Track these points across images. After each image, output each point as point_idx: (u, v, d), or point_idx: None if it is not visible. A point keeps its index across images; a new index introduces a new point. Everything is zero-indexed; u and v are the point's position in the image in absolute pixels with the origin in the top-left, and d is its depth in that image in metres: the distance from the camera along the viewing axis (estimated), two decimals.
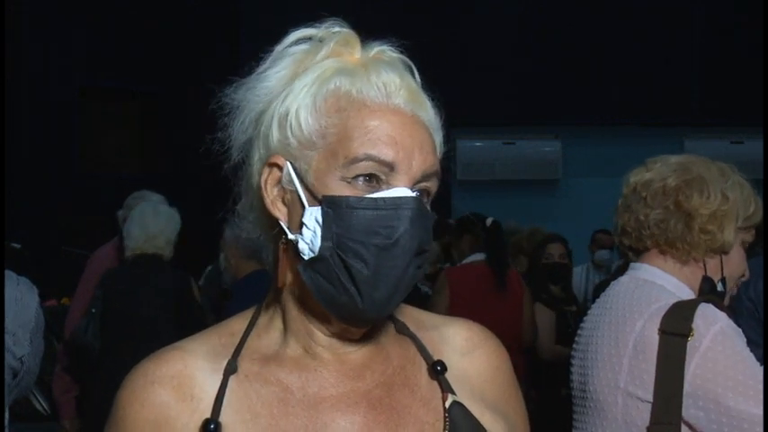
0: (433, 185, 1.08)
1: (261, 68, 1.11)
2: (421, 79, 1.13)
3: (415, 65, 1.14)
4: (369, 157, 1.03)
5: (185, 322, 3.89)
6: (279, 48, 1.11)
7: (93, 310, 4.07)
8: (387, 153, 1.03)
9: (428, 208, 1.08)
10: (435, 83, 1.15)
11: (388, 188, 1.04)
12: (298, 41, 1.11)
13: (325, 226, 1.03)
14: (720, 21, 10.20)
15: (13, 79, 7.62)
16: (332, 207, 1.03)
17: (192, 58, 8.86)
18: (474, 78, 9.84)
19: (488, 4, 10.19)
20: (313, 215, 1.04)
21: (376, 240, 1.01)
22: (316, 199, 1.04)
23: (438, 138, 1.11)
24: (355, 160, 1.03)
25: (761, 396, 1.76)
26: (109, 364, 3.93)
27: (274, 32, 1.13)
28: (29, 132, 8.55)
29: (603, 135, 10.21)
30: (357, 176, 1.03)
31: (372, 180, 1.04)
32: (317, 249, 1.03)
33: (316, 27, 1.11)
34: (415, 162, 1.05)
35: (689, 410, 1.81)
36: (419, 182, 1.06)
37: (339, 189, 1.03)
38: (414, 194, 1.04)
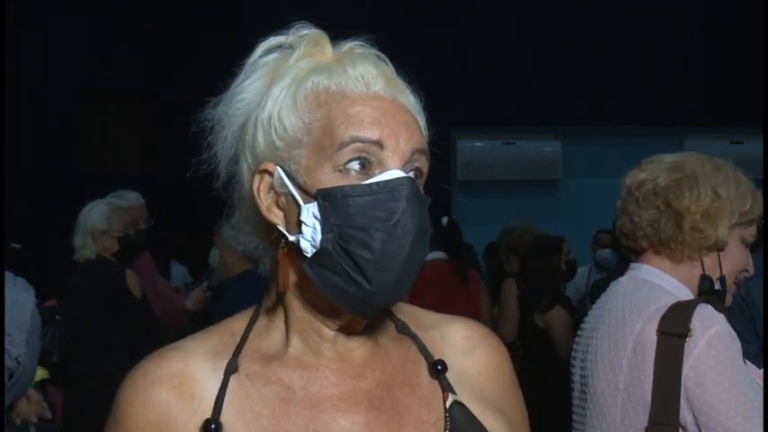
0: (423, 164, 1.09)
1: (235, 82, 1.12)
2: (419, 78, 1.14)
3: (415, 64, 1.14)
4: (355, 139, 1.04)
5: (125, 317, 3.93)
6: (250, 60, 1.12)
7: (58, 317, 4.10)
8: (373, 132, 1.04)
9: (422, 190, 1.08)
10: (435, 83, 1.15)
11: (380, 172, 1.04)
12: (268, 51, 1.12)
13: (324, 219, 1.03)
14: (720, 21, 10.19)
15: (12, 79, 7.62)
16: (327, 200, 1.03)
17: (192, 58, 8.85)
18: (474, 78, 9.83)
19: (488, 4, 10.18)
20: (310, 211, 1.04)
21: (377, 225, 1.01)
22: (310, 195, 1.04)
23: (421, 121, 1.12)
24: (342, 145, 1.04)
25: (741, 408, 1.76)
26: (78, 368, 3.99)
27: (274, 33, 1.14)
28: (28, 132, 8.54)
29: (603, 135, 10.20)
30: (348, 162, 1.04)
31: (364, 166, 1.04)
32: (318, 244, 1.03)
33: (284, 34, 1.12)
34: (402, 139, 1.05)
35: (682, 411, 1.81)
36: (409, 160, 1.06)
37: (332, 180, 1.04)
38: (407, 174, 1.04)
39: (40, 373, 2.85)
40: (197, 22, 9.26)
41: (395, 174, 1.04)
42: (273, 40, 1.12)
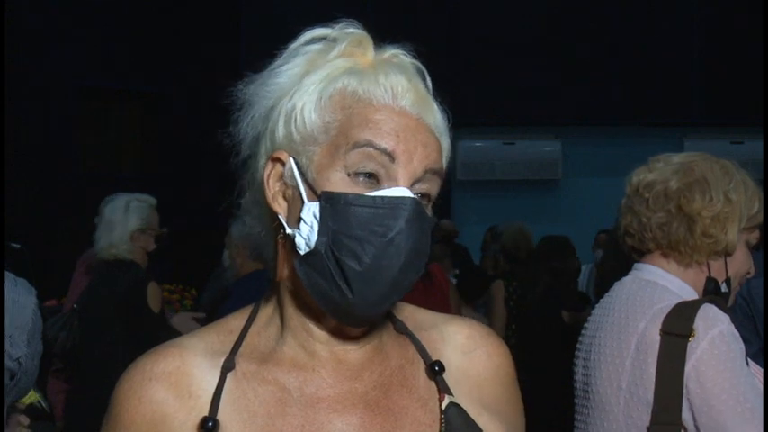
0: (433, 188, 1.08)
1: (273, 65, 1.12)
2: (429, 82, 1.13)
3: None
4: (369, 143, 1.03)
5: (133, 324, 3.91)
6: (293, 46, 1.12)
7: (75, 306, 4.09)
8: (388, 142, 1.04)
9: (428, 212, 1.08)
10: (435, 83, 1.15)
11: (389, 186, 1.04)
12: (312, 41, 1.12)
13: (322, 222, 1.03)
14: (720, 21, 10.19)
15: (13, 79, 7.61)
16: (330, 203, 1.03)
17: (192, 58, 8.86)
18: (474, 78, 9.84)
19: (488, 4, 10.19)
20: (311, 210, 1.04)
21: (371, 238, 1.01)
22: (315, 194, 1.05)
23: (445, 143, 1.11)
24: (356, 145, 1.03)
25: (740, 409, 1.76)
26: (82, 365, 4.00)
27: (274, 33, 1.14)
28: (29, 132, 8.54)
29: (603, 135, 10.20)
30: (358, 174, 1.03)
31: (373, 179, 1.04)
32: (312, 244, 1.03)
33: (330, 27, 1.12)
34: (416, 158, 1.05)
35: (684, 411, 1.81)
36: (420, 179, 1.05)
37: (340, 183, 1.04)
38: (413, 196, 1.03)
39: (32, 396, 2.82)
40: (197, 22, 9.25)
41: (401, 192, 1.03)
42: (318, 31, 1.12)
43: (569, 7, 10.08)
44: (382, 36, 1.14)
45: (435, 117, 1.11)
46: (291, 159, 1.07)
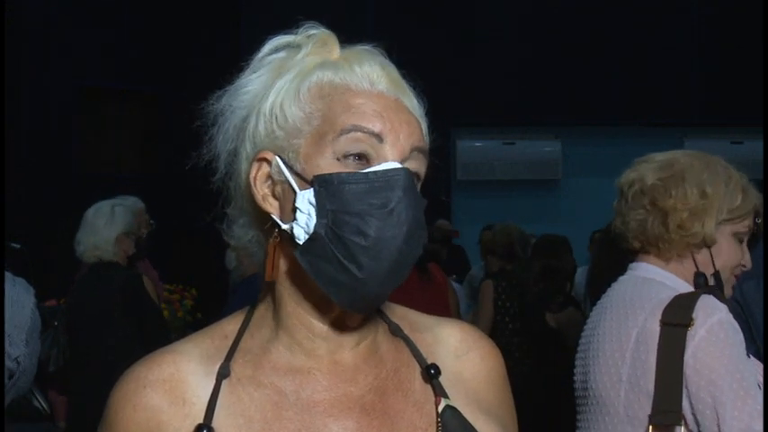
0: (421, 164, 1.08)
1: (241, 77, 1.12)
2: (418, 80, 1.14)
3: (415, 65, 1.14)
4: (356, 128, 1.04)
5: (141, 317, 3.91)
6: (257, 56, 1.12)
7: (56, 323, 4.07)
8: (374, 124, 1.04)
9: (418, 189, 1.07)
10: (435, 83, 1.15)
11: (378, 164, 1.04)
12: (276, 49, 1.12)
13: (319, 205, 1.02)
14: (720, 21, 10.19)
15: (13, 79, 7.61)
16: (324, 185, 1.02)
17: (192, 58, 8.85)
18: (474, 78, 9.84)
19: (488, 4, 10.19)
20: (306, 197, 1.04)
21: (372, 211, 1.01)
22: (307, 182, 1.04)
23: (423, 125, 1.12)
24: (343, 132, 1.04)
25: (736, 386, 1.76)
26: (82, 368, 3.98)
27: (274, 33, 1.14)
28: (29, 132, 8.54)
29: (603, 135, 10.20)
30: (348, 153, 1.04)
31: (363, 159, 1.04)
32: (312, 229, 1.03)
33: (292, 33, 1.12)
34: (402, 135, 1.05)
35: (684, 400, 1.81)
36: (408, 157, 1.06)
37: (330, 167, 1.04)
38: (404, 167, 1.04)
39: None
40: (197, 22, 9.26)
41: (392, 165, 1.03)
42: (281, 39, 1.12)
43: (570, 7, 10.08)
44: (383, 36, 1.14)
45: (412, 100, 1.11)
46: (277, 157, 1.07)
